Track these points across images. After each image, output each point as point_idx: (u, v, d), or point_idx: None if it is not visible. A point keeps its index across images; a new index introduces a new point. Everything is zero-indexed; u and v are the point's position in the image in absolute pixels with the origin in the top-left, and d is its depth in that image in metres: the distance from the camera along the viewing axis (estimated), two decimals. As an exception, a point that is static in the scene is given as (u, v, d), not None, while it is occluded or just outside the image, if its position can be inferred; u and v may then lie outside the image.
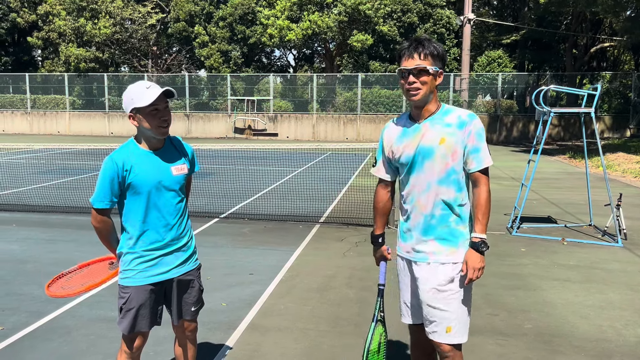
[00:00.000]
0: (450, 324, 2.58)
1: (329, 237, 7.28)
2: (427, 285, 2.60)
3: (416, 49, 2.53)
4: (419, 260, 2.64)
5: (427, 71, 2.51)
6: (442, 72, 2.60)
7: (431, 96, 2.58)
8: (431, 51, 2.53)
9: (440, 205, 2.58)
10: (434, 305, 2.59)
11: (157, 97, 2.62)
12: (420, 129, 2.61)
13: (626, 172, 14.29)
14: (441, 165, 2.56)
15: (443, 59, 2.58)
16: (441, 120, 2.59)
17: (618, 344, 4.04)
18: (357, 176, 13.30)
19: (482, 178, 2.58)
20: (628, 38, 23.43)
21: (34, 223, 8.06)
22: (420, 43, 2.54)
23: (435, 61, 2.54)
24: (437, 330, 2.60)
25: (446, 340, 2.59)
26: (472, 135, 2.55)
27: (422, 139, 2.58)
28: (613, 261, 6.25)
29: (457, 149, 2.55)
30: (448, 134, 2.55)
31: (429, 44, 2.54)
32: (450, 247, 2.59)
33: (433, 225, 2.60)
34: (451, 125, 2.57)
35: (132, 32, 32.71)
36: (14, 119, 31.21)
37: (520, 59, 32.43)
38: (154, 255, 2.79)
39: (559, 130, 26.63)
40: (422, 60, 2.52)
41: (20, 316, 4.49)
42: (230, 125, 29.02)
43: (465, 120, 2.57)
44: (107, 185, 2.69)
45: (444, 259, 2.59)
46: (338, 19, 28.25)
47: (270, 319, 4.47)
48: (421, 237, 2.63)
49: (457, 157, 2.56)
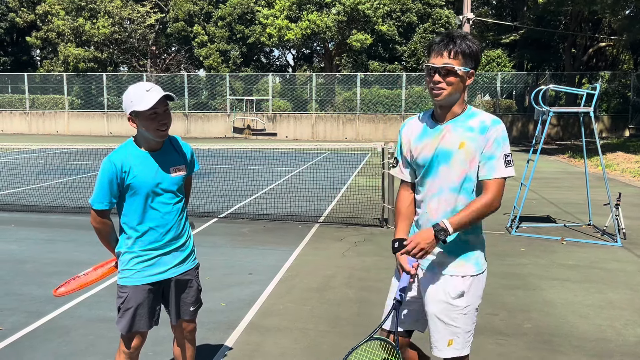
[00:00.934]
0: (452, 337, 2.49)
1: (328, 237, 7.27)
2: (437, 298, 2.49)
3: (447, 46, 2.35)
4: (427, 268, 2.54)
5: (454, 72, 2.34)
6: (473, 73, 2.41)
7: (457, 97, 2.41)
8: (463, 50, 2.34)
9: (450, 215, 2.43)
10: (442, 319, 2.49)
11: (157, 102, 2.61)
12: (441, 130, 2.46)
13: (625, 172, 14.30)
14: (458, 171, 2.41)
15: (476, 58, 2.39)
16: (464, 124, 2.43)
17: (618, 344, 4.04)
18: (356, 176, 13.29)
19: (490, 187, 2.39)
20: (627, 37, 23.45)
21: (32, 223, 8.05)
22: (452, 40, 2.36)
23: (466, 60, 2.36)
24: (438, 345, 2.52)
25: (448, 354, 2.51)
26: (490, 141, 2.38)
27: (442, 141, 2.44)
28: (612, 261, 6.25)
29: (476, 156, 2.40)
30: (469, 138, 2.40)
31: (462, 42, 2.35)
32: (460, 260, 2.48)
33: None
34: (473, 130, 2.40)
35: (131, 32, 32.69)
36: (13, 118, 31.18)
37: (519, 58, 32.43)
38: (152, 255, 2.78)
39: (558, 129, 26.64)
40: (451, 59, 2.34)
41: (19, 316, 4.48)
42: (229, 125, 29.01)
43: (488, 125, 2.39)
44: (106, 186, 2.69)
45: (453, 271, 2.48)
46: (337, 18, 28.25)
47: (270, 319, 4.46)
48: None
49: (474, 164, 2.41)
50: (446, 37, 2.39)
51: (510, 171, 2.40)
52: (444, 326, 2.49)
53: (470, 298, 2.49)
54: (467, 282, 2.48)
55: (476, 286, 2.51)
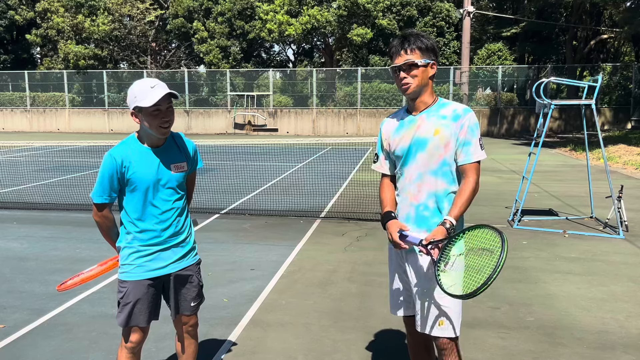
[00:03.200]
0: (443, 317, 2.59)
1: (330, 232, 7.27)
2: (421, 277, 2.62)
3: (402, 45, 2.58)
4: (410, 250, 2.64)
5: (416, 65, 2.56)
6: (434, 64, 2.61)
7: (425, 88, 2.62)
8: (418, 45, 2.56)
9: (432, 198, 2.61)
10: (429, 299, 2.60)
11: (160, 99, 2.61)
12: (415, 120, 2.66)
13: (627, 164, 14.27)
14: (434, 156, 2.59)
15: (433, 50, 2.60)
16: (437, 113, 2.63)
17: (620, 336, 4.04)
18: (358, 171, 13.28)
19: (470, 170, 2.57)
20: (628, 29, 23.35)
21: (34, 221, 8.06)
22: (406, 39, 2.59)
23: (424, 54, 2.57)
24: (429, 324, 2.61)
25: (440, 333, 2.60)
26: (464, 128, 2.57)
27: (417, 131, 2.63)
28: (614, 253, 6.24)
29: (451, 141, 2.58)
30: (442, 125, 2.59)
31: (415, 39, 2.58)
32: None
33: (426, 217, 2.62)
34: (446, 117, 2.60)
35: (130, 29, 32.65)
36: (14, 116, 31.20)
37: (520, 51, 32.33)
38: (152, 250, 2.79)
39: (560, 122, 26.58)
40: (409, 55, 2.56)
41: (22, 314, 4.49)
42: (230, 121, 28.99)
43: (460, 114, 2.59)
44: (107, 180, 2.70)
45: None
46: (337, 13, 28.17)
47: (272, 314, 4.47)
48: (413, 227, 2.64)
49: (449, 149, 2.59)
50: (400, 39, 2.62)
51: (484, 154, 2.62)
52: (432, 305, 2.59)
53: None
54: None
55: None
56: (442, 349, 2.63)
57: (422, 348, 2.89)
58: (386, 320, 4.24)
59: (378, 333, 4.07)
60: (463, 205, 2.53)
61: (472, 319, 4.34)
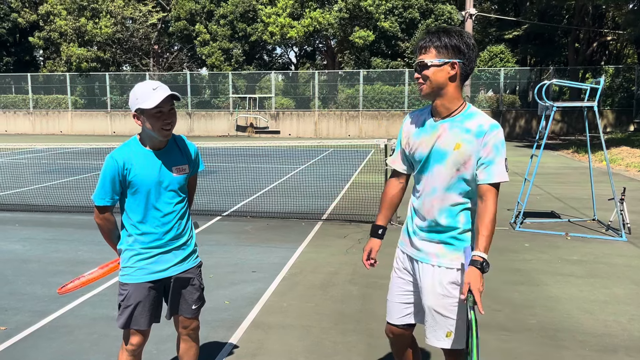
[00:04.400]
0: (451, 329, 2.51)
1: (332, 234, 7.26)
2: (434, 290, 2.51)
3: (421, 43, 2.45)
4: (422, 260, 2.55)
5: (426, 65, 2.40)
6: (455, 63, 2.39)
7: (441, 91, 2.42)
8: (435, 44, 2.39)
9: (445, 213, 2.47)
10: (439, 311, 2.51)
11: (162, 100, 2.61)
12: (437, 128, 2.48)
13: (630, 166, 14.23)
14: (451, 171, 2.44)
15: (456, 48, 2.38)
16: (461, 124, 2.44)
17: (623, 339, 4.02)
18: (360, 173, 13.28)
19: (490, 192, 2.39)
20: (631, 31, 23.33)
21: (36, 223, 8.07)
22: (425, 37, 2.44)
23: (441, 53, 2.38)
24: (437, 336, 2.54)
25: (446, 345, 2.53)
26: (488, 146, 2.38)
27: (438, 140, 2.46)
28: (617, 255, 6.22)
29: (472, 158, 2.41)
30: (464, 140, 2.40)
31: (433, 37, 2.41)
32: (455, 252, 2.49)
33: (440, 229, 2.51)
34: (470, 132, 2.41)
35: (133, 31, 32.74)
36: (17, 119, 31.28)
37: (523, 53, 32.32)
38: (153, 253, 2.79)
39: (562, 125, 26.55)
40: (424, 55, 2.42)
41: (23, 315, 4.50)
42: (232, 123, 29.02)
43: (485, 130, 2.39)
44: (108, 183, 2.70)
45: (449, 264, 2.49)
46: (339, 15, 28.21)
47: (274, 317, 4.46)
48: (425, 236, 2.54)
49: (469, 167, 2.42)
50: (422, 36, 2.48)
51: (507, 176, 2.44)
52: (442, 319, 2.51)
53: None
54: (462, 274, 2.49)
55: None
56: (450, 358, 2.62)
57: (408, 353, 2.82)
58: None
59: (379, 335, 4.06)
60: (489, 237, 2.36)
61: (474, 321, 4.33)
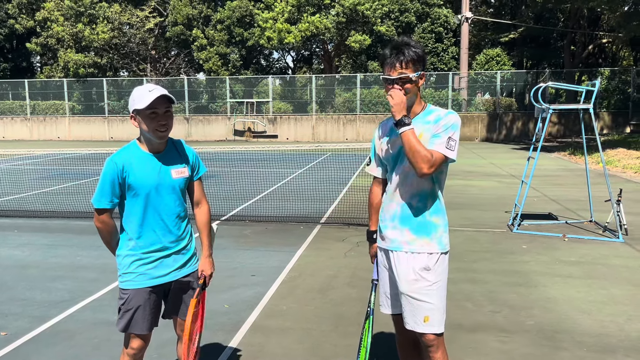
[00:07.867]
0: (428, 314, 2.65)
1: (331, 238, 7.28)
2: (405, 276, 2.69)
3: (397, 57, 2.60)
4: (395, 249, 2.74)
5: (409, 79, 2.60)
6: (424, 74, 2.67)
7: (414, 98, 2.67)
8: (412, 57, 2.59)
9: (417, 197, 2.69)
10: (413, 296, 2.67)
11: (156, 101, 2.64)
12: None
13: (626, 168, 14.29)
14: None
15: (423, 60, 2.65)
16: (423, 119, 2.70)
17: (620, 339, 4.05)
18: (358, 176, 13.30)
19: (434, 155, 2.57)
20: (625, 33, 23.45)
21: (35, 228, 8.07)
22: (401, 51, 2.60)
23: (416, 66, 2.61)
24: (416, 321, 2.68)
25: (425, 329, 2.66)
26: (439, 125, 2.62)
27: None
28: (614, 257, 6.25)
29: (429, 141, 2.65)
30: (425, 129, 2.66)
31: (409, 50, 2.60)
32: (424, 237, 2.69)
33: (410, 215, 2.70)
34: (430, 122, 2.67)
35: (130, 37, 32.76)
36: (14, 125, 31.26)
37: (519, 56, 32.48)
38: (153, 257, 2.80)
39: (559, 127, 26.63)
40: (404, 69, 2.59)
41: (23, 321, 4.50)
42: (230, 127, 29.04)
43: (442, 117, 2.66)
44: (108, 185, 2.72)
45: (419, 249, 2.68)
46: (336, 19, 28.29)
47: (273, 320, 4.48)
48: (397, 225, 2.73)
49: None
50: (394, 50, 2.62)
51: (448, 153, 2.58)
52: (418, 303, 2.66)
53: (437, 274, 2.69)
54: (432, 259, 2.68)
55: (441, 264, 2.71)
56: (429, 345, 2.70)
57: (411, 347, 2.95)
58: (387, 325, 4.25)
59: (379, 338, 4.08)
60: (415, 139, 2.57)
61: (473, 323, 4.35)
